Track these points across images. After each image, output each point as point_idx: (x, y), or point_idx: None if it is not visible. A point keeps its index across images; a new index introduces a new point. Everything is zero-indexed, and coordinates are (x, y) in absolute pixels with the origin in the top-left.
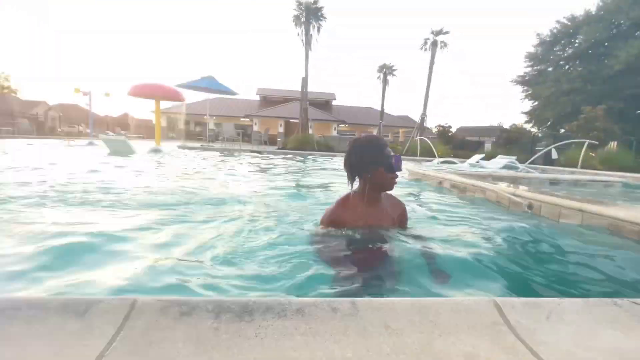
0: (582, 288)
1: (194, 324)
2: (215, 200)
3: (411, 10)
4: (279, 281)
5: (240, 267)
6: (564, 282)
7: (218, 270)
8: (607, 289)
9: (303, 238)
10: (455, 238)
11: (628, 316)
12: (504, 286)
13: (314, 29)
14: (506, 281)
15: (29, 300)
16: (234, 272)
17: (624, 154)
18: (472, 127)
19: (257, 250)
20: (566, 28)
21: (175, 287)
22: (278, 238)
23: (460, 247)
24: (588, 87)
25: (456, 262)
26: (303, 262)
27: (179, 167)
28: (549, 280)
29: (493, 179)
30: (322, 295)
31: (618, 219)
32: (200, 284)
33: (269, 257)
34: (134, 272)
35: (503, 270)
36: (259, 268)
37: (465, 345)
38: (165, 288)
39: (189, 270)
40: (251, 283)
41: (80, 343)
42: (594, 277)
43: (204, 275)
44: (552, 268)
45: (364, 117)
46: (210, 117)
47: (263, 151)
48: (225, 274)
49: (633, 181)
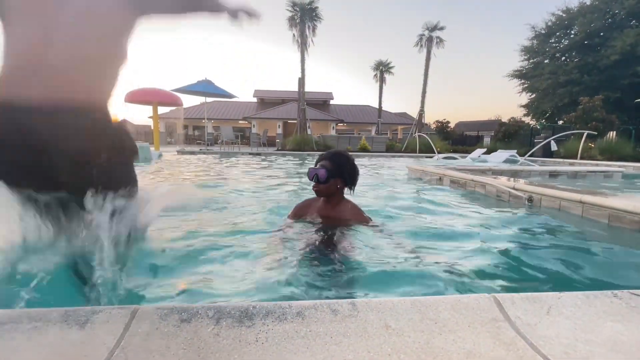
0: (582, 281)
1: (194, 330)
2: (213, 204)
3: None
4: (278, 282)
5: (239, 270)
6: (563, 275)
7: (216, 276)
8: (607, 281)
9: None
10: (454, 234)
11: (628, 307)
12: (504, 281)
13: (309, 29)
14: (506, 276)
15: (29, 313)
16: (234, 275)
17: (623, 144)
18: (470, 121)
19: (257, 251)
20: (561, 20)
21: (174, 294)
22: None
23: (460, 243)
24: (585, 78)
25: (456, 258)
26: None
27: (178, 171)
28: (548, 275)
29: (493, 173)
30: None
31: (618, 210)
32: (200, 289)
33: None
34: (134, 281)
35: (503, 266)
36: (259, 270)
37: (465, 343)
38: (164, 295)
39: (188, 276)
40: (251, 285)
41: (81, 354)
42: (594, 269)
43: (203, 281)
44: (551, 262)
45: (362, 116)
46: (208, 121)
47: (262, 153)
48: (224, 278)
49: (633, 170)
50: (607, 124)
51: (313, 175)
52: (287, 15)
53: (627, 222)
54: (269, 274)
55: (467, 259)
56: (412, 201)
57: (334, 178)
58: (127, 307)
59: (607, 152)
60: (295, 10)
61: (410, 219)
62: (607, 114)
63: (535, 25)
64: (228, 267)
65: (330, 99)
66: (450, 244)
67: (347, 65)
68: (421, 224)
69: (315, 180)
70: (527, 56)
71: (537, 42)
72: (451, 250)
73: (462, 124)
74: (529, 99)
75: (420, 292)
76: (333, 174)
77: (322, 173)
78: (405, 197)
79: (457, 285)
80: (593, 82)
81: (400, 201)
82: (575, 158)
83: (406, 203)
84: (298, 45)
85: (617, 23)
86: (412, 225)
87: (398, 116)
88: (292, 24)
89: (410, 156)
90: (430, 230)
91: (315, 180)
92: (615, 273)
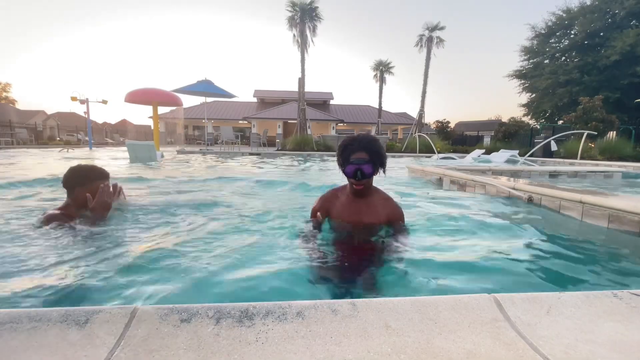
0: (582, 281)
1: (194, 330)
2: (212, 204)
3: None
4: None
5: (239, 270)
6: (563, 275)
7: (217, 275)
8: (607, 281)
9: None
10: (454, 234)
11: (628, 307)
12: (504, 282)
13: (309, 29)
14: (506, 276)
15: (29, 313)
16: (233, 276)
17: (623, 144)
18: (470, 121)
19: (256, 252)
20: (561, 20)
21: (174, 294)
22: (274, 238)
23: (460, 243)
24: (585, 78)
25: (456, 258)
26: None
27: (177, 172)
28: (548, 275)
29: (493, 173)
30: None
31: (618, 210)
32: (200, 289)
33: (269, 259)
34: (133, 281)
35: (503, 266)
36: (258, 271)
37: (465, 343)
38: (165, 295)
39: (188, 276)
40: (250, 285)
41: (81, 354)
42: (594, 269)
43: (203, 281)
44: (551, 262)
45: (362, 116)
46: (208, 121)
47: (262, 153)
48: (225, 278)
49: (633, 170)
50: (607, 124)
51: (355, 171)
52: (287, 15)
53: (627, 222)
54: (271, 275)
55: (467, 259)
56: (411, 201)
57: (376, 169)
58: (127, 307)
59: (607, 152)
60: (295, 10)
61: (409, 219)
62: (607, 114)
63: (536, 25)
64: (228, 267)
65: (330, 99)
66: (450, 244)
67: (347, 65)
68: (421, 224)
69: (358, 177)
70: (527, 56)
71: (537, 42)
72: (451, 250)
73: (462, 124)
74: (529, 99)
75: (420, 292)
76: (376, 165)
77: (367, 169)
78: (405, 197)
79: (457, 285)
80: (593, 82)
81: (400, 201)
82: (575, 158)
83: (406, 203)
84: (298, 46)
85: (617, 23)
86: (411, 225)
87: (398, 116)
88: (292, 24)
89: (410, 156)
90: (430, 230)
91: (358, 177)
92: (615, 273)
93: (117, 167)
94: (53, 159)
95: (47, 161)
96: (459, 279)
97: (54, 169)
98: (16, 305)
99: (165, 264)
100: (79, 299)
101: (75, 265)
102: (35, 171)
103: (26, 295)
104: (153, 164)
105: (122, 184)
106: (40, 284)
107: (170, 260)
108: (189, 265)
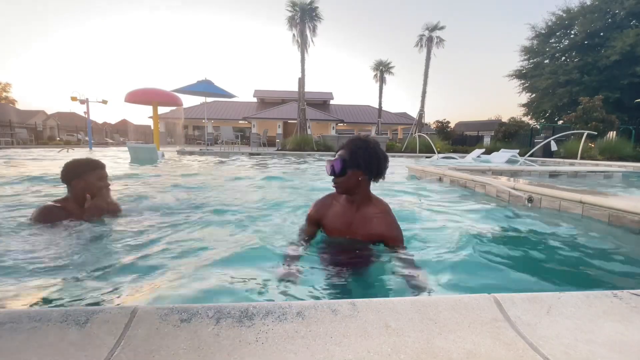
0: (582, 281)
1: (194, 330)
2: (212, 204)
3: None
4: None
5: (240, 270)
6: (564, 275)
7: (217, 276)
8: (607, 281)
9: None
10: (454, 234)
11: (628, 308)
12: (504, 282)
13: (309, 29)
14: (506, 276)
15: (29, 313)
16: (234, 276)
17: (623, 144)
18: (470, 121)
19: (256, 253)
20: (561, 20)
21: (174, 294)
22: (274, 238)
23: (460, 243)
24: (585, 78)
25: (455, 259)
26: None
27: (177, 172)
28: (548, 275)
29: (493, 174)
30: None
31: (618, 210)
32: (200, 289)
33: (269, 259)
34: (133, 281)
35: (503, 266)
36: (258, 271)
37: (465, 343)
38: (165, 295)
39: (188, 277)
40: (251, 285)
41: (81, 354)
42: (594, 269)
43: (203, 281)
44: (551, 262)
45: (362, 116)
46: (208, 121)
47: (262, 153)
48: (225, 278)
49: (634, 170)
50: (607, 124)
51: (330, 168)
52: (287, 15)
53: (627, 222)
54: (271, 274)
55: (467, 259)
56: (411, 201)
57: (352, 169)
58: (127, 307)
59: (607, 152)
60: (295, 10)
61: (409, 219)
62: (607, 114)
63: (536, 25)
64: (228, 268)
65: (330, 99)
66: (450, 244)
67: (347, 65)
68: (421, 224)
69: (328, 172)
70: (527, 56)
71: (537, 42)
72: (451, 250)
73: (462, 124)
74: (529, 99)
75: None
76: (349, 164)
77: (337, 165)
78: (405, 197)
79: (457, 285)
80: (593, 82)
81: (400, 201)
82: (576, 158)
83: (405, 203)
84: (298, 46)
85: (617, 23)
86: (411, 225)
87: (398, 116)
88: (292, 24)
89: (410, 156)
90: (430, 230)
91: (328, 172)
92: (615, 273)
93: (117, 167)
94: (51, 160)
95: (46, 161)
96: (459, 279)
97: (54, 169)
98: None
99: (165, 264)
100: (79, 299)
101: (76, 265)
102: (35, 171)
103: (26, 295)
104: (154, 164)
105: (122, 183)
106: (40, 284)
107: (170, 260)
108: (189, 265)
